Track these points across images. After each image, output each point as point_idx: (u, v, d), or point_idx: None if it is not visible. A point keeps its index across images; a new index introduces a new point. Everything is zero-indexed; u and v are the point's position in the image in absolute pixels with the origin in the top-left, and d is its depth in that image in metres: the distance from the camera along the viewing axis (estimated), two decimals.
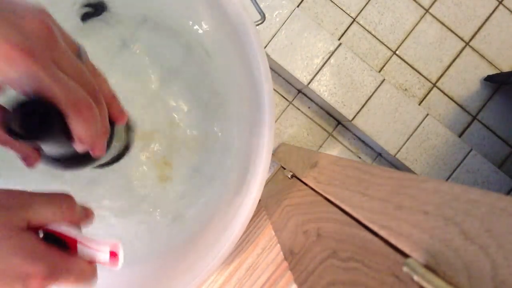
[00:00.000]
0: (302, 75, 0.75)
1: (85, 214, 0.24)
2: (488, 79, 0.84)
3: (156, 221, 0.46)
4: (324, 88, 0.75)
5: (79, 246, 0.22)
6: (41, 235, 0.21)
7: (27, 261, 0.18)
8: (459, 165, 0.76)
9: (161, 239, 0.45)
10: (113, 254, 0.23)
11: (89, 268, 0.22)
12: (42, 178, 0.43)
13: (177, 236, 0.44)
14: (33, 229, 0.20)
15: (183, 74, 0.48)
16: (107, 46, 0.46)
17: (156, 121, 0.47)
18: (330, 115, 0.83)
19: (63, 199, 0.22)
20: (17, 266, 0.18)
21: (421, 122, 0.76)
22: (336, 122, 0.84)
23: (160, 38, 0.46)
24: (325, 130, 0.83)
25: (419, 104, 0.84)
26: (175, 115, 0.48)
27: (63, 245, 0.22)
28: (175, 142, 0.48)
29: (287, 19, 0.73)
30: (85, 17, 0.44)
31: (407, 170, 0.77)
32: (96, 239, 0.23)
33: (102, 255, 0.23)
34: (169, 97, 0.48)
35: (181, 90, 0.48)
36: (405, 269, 0.17)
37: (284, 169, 0.61)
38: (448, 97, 0.85)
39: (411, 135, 0.76)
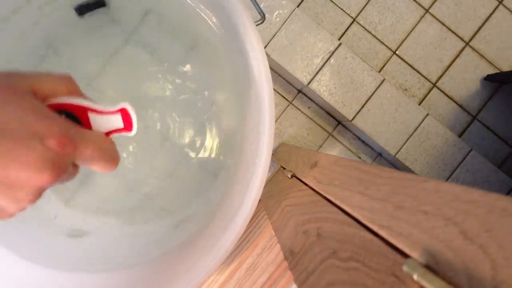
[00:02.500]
0: (302, 75, 0.75)
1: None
2: (488, 78, 0.84)
3: (156, 222, 0.46)
4: (324, 88, 0.75)
5: (91, 115, 0.22)
6: None
7: (40, 118, 0.18)
8: (459, 165, 0.76)
9: (161, 240, 0.45)
10: (126, 115, 0.23)
11: (107, 140, 0.22)
12: None
13: (177, 236, 0.43)
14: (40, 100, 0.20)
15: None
16: (108, 42, 0.46)
17: (157, 117, 0.47)
18: (330, 115, 0.83)
19: (63, 74, 0.21)
20: (31, 124, 0.17)
21: (421, 122, 0.76)
22: (336, 122, 0.84)
23: (164, 33, 0.46)
24: (325, 130, 0.83)
25: (419, 104, 0.84)
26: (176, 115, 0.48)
27: (76, 121, 0.21)
28: (175, 141, 0.48)
29: (287, 19, 0.73)
30: (82, 11, 0.44)
31: (407, 170, 0.77)
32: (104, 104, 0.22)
33: (115, 119, 0.22)
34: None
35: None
36: (405, 269, 0.17)
37: (284, 169, 0.61)
38: (448, 97, 0.85)
39: (411, 135, 0.76)
